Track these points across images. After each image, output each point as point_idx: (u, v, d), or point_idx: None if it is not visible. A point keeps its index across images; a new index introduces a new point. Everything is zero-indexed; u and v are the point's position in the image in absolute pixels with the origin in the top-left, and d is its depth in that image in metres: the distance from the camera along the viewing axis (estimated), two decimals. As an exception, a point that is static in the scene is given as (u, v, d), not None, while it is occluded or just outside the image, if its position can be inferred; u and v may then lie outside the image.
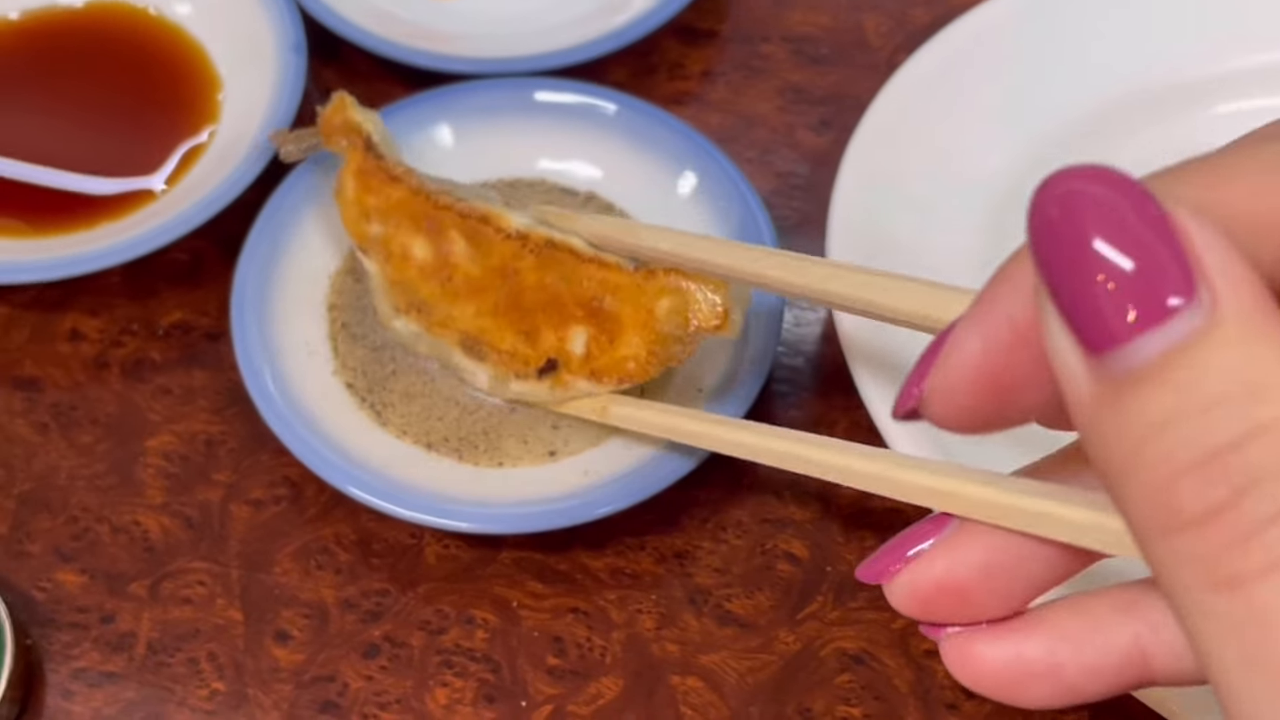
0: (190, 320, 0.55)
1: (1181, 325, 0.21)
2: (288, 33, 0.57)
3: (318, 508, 0.51)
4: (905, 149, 0.52)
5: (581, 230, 0.48)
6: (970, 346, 0.27)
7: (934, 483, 0.32)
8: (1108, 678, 0.29)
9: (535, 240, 0.48)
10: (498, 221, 0.49)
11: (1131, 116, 0.54)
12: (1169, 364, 0.22)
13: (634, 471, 0.48)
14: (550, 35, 0.60)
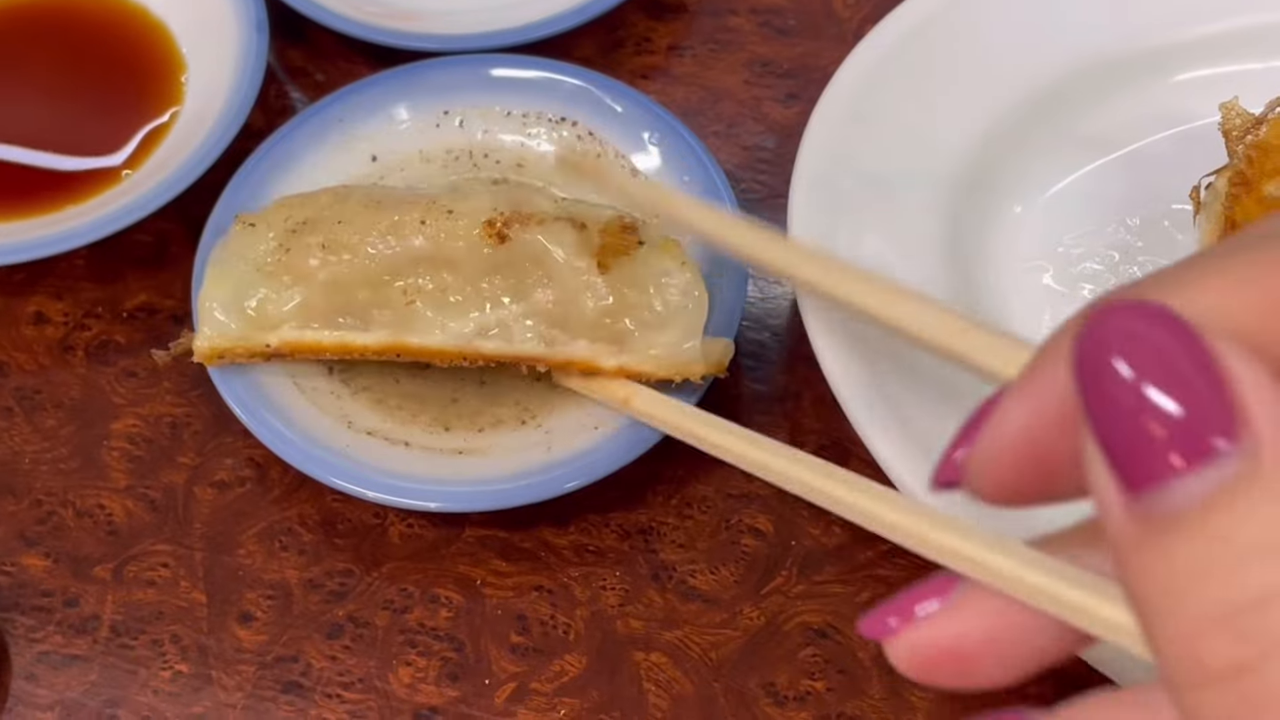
0: (155, 303, 0.55)
1: (1222, 471, 0.21)
2: (250, 12, 0.57)
3: (282, 489, 0.50)
4: (868, 121, 0.52)
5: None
6: (1017, 420, 0.26)
7: (949, 541, 0.31)
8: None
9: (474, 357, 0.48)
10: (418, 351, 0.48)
11: (1094, 85, 0.53)
12: (1207, 510, 0.21)
13: (598, 448, 0.48)
14: (516, 10, 0.60)
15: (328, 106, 0.55)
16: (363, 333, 0.48)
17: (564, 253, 0.47)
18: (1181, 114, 0.53)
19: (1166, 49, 0.54)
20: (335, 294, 0.47)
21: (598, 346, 0.47)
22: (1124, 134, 0.53)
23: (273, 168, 0.54)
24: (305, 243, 0.48)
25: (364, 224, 0.47)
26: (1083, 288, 0.51)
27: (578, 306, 0.47)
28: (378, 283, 0.47)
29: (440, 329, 0.47)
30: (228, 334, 0.48)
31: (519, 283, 0.47)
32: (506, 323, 0.47)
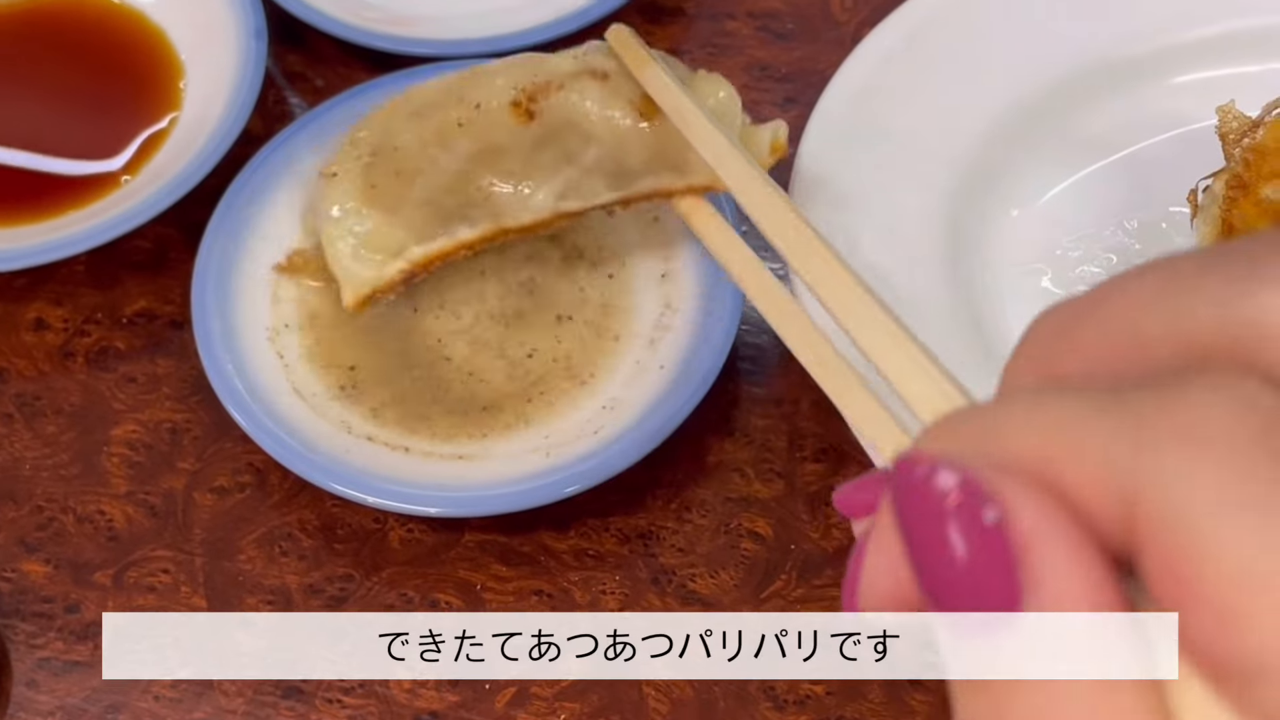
0: (154, 308, 0.55)
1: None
2: (249, 18, 0.57)
3: (282, 494, 0.50)
4: (866, 125, 0.52)
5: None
6: (882, 585, 0.25)
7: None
8: None
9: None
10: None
11: (1092, 87, 0.54)
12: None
13: (597, 452, 0.48)
14: (515, 15, 0.60)
15: (326, 112, 0.55)
16: (471, 228, 0.48)
17: (596, 108, 0.47)
18: (1179, 116, 0.53)
19: (1164, 52, 0.54)
20: (429, 208, 0.48)
21: (661, 176, 0.47)
22: (1121, 137, 0.53)
23: (271, 173, 0.54)
24: (382, 173, 0.49)
25: (415, 142, 0.48)
26: (1081, 290, 0.51)
27: (628, 152, 0.47)
28: (455, 189, 0.48)
29: (525, 208, 0.48)
30: (366, 281, 0.49)
31: (566, 149, 0.47)
32: (576, 182, 0.47)
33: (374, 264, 0.49)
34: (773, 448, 0.51)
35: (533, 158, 0.47)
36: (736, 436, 0.51)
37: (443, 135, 0.48)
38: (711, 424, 0.51)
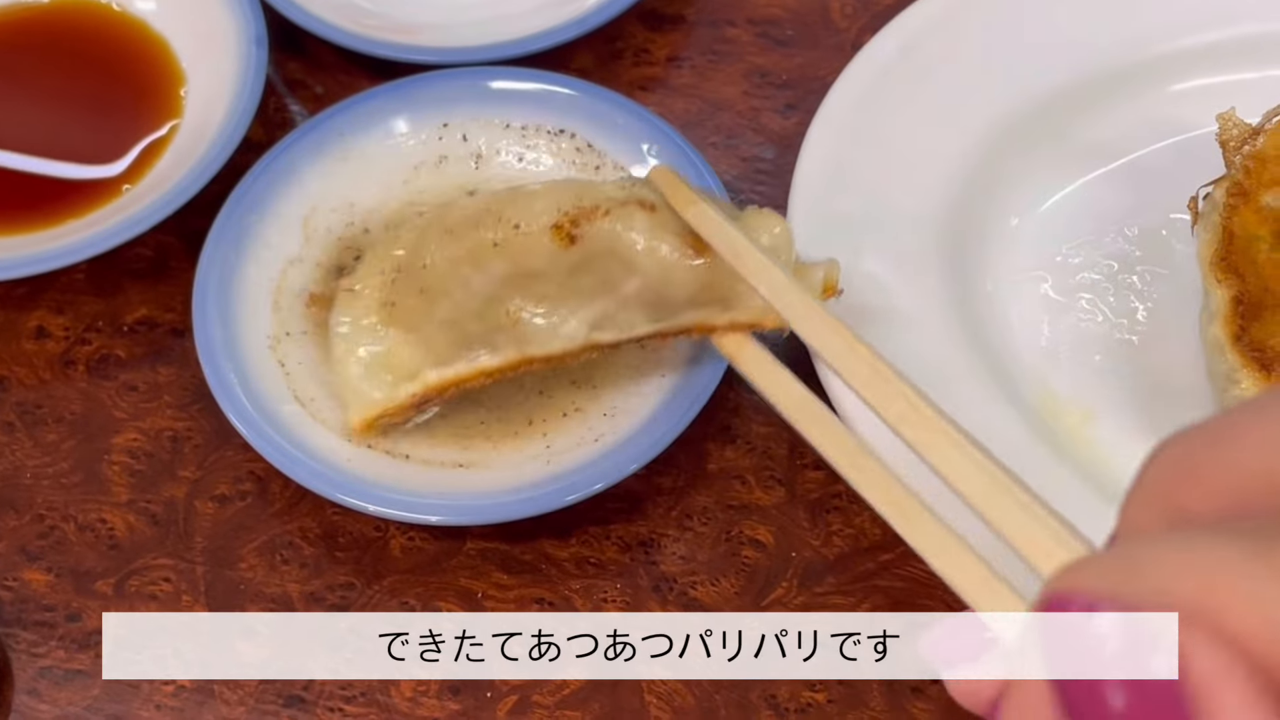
0: (155, 316, 0.55)
1: None
2: (249, 26, 0.57)
3: (283, 502, 0.50)
4: (866, 134, 0.52)
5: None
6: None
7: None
8: None
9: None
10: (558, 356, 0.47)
11: (1089, 95, 0.54)
12: None
13: (598, 461, 0.48)
14: (515, 22, 0.60)
15: (328, 119, 0.55)
16: (492, 356, 0.47)
17: (641, 239, 0.45)
18: (1179, 124, 0.53)
19: (1163, 59, 0.54)
20: (451, 330, 0.47)
21: (704, 310, 0.46)
22: (1121, 144, 0.53)
23: (272, 181, 0.54)
24: (406, 292, 0.47)
25: (446, 261, 0.47)
26: (1081, 297, 0.51)
27: (673, 285, 0.45)
28: (483, 313, 0.47)
29: (555, 337, 0.47)
30: (375, 403, 0.48)
31: (606, 277, 0.46)
32: (612, 313, 0.46)
33: (385, 385, 0.48)
34: (773, 455, 0.51)
35: (569, 283, 0.46)
36: (738, 444, 0.51)
37: (476, 255, 0.46)
38: (712, 431, 0.51)
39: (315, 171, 0.55)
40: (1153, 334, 0.50)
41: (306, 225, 0.54)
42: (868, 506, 0.47)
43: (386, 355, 0.48)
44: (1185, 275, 0.50)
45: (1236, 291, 0.45)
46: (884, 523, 0.48)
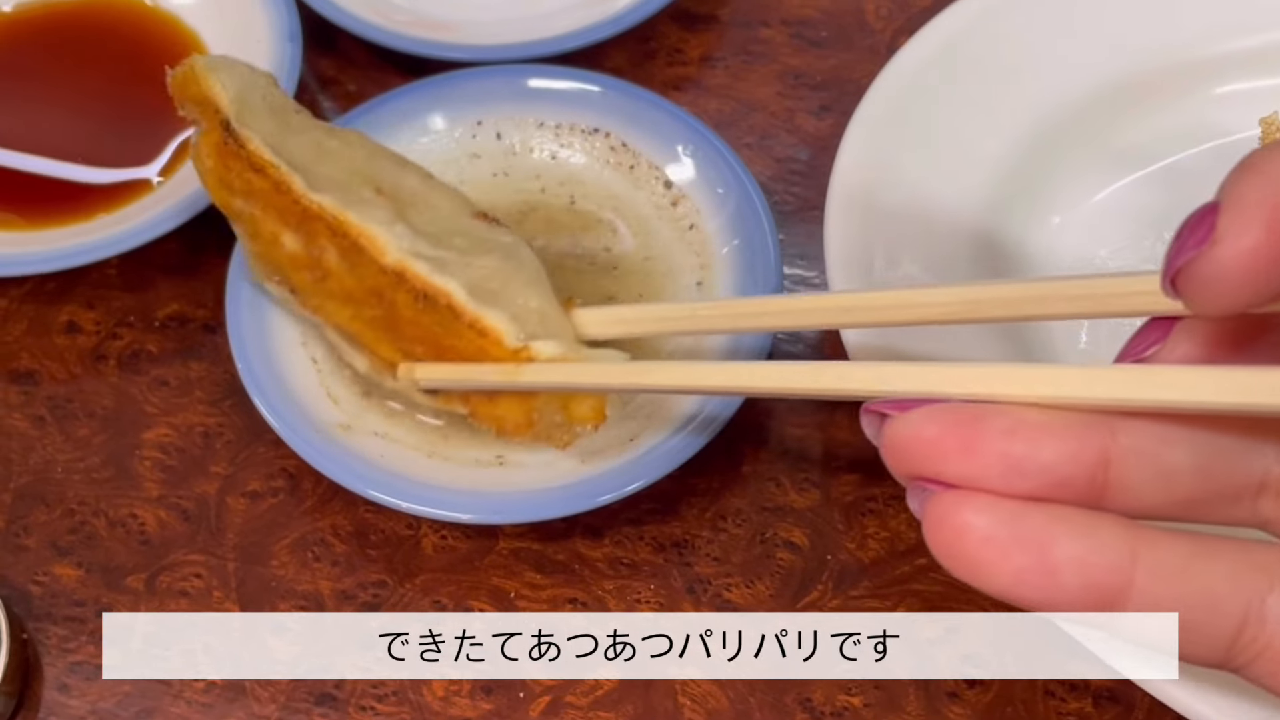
0: (187, 312, 0.55)
1: None
2: (283, 22, 0.57)
3: (315, 499, 0.50)
4: (903, 136, 0.52)
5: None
6: (1246, 242, 0.27)
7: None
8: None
9: (410, 282, 0.44)
10: (371, 248, 0.44)
11: (1130, 98, 0.53)
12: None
13: (632, 461, 0.47)
14: (549, 21, 0.60)
15: (361, 116, 0.55)
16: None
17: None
18: (1221, 127, 0.53)
19: (1206, 62, 0.53)
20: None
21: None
22: (1162, 147, 0.53)
23: (306, 177, 0.54)
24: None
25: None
26: (1119, 301, 0.51)
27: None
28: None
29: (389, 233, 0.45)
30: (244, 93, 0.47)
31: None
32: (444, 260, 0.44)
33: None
34: (808, 457, 0.51)
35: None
36: (771, 445, 0.51)
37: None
38: (746, 433, 0.51)
39: (348, 168, 0.54)
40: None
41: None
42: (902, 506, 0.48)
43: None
44: (1225, 279, 0.50)
45: None
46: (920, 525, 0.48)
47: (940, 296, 0.36)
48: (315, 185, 0.46)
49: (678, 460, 0.47)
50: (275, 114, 0.47)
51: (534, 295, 0.44)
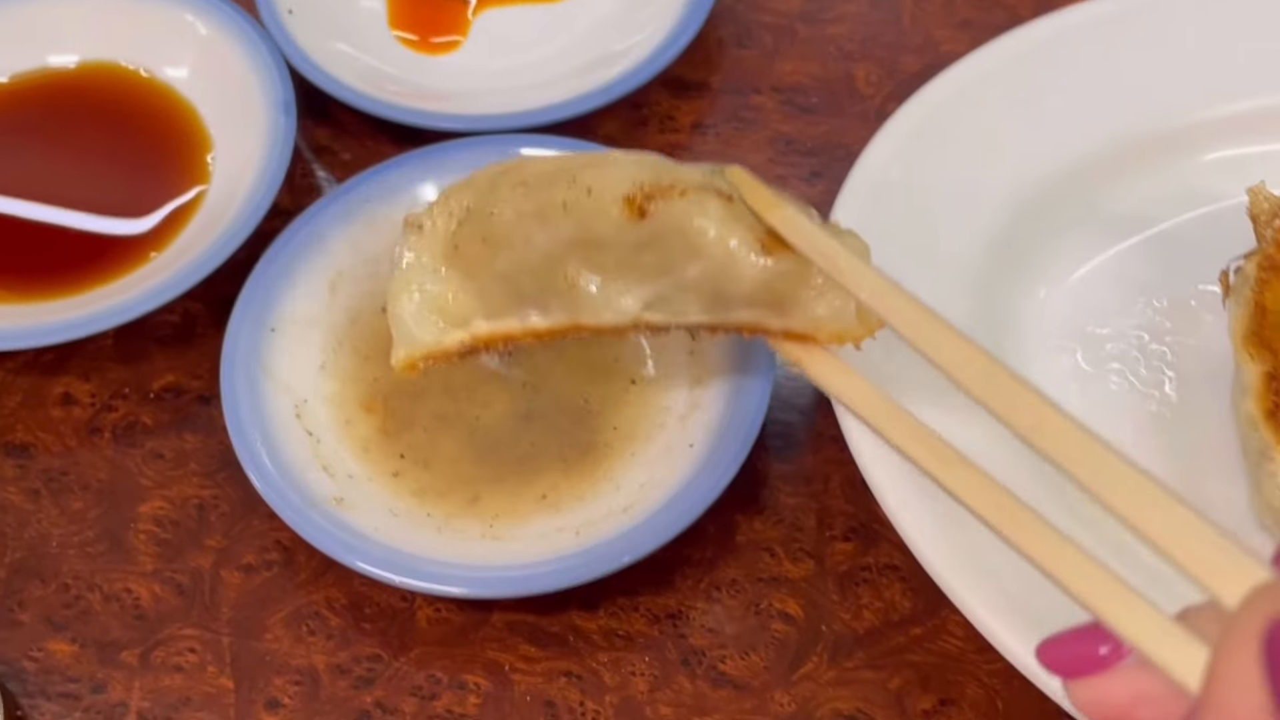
0: (182, 383, 0.55)
1: None
2: (277, 93, 0.58)
3: (309, 572, 0.50)
4: (894, 202, 0.52)
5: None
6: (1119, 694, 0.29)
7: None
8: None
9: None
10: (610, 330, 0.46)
11: (1121, 164, 0.54)
12: None
13: (627, 533, 0.47)
14: (542, 90, 0.60)
15: (355, 187, 0.55)
16: (543, 317, 0.46)
17: (713, 227, 0.44)
18: (1209, 194, 0.53)
19: (1192, 128, 0.54)
20: (507, 284, 0.46)
21: (759, 311, 0.45)
22: (1151, 213, 0.53)
23: (300, 249, 0.54)
24: (470, 237, 0.46)
25: (514, 214, 0.45)
26: (1111, 368, 0.51)
27: (733, 279, 0.44)
28: (540, 271, 0.46)
29: (607, 307, 0.45)
30: (422, 343, 0.47)
31: (668, 258, 0.44)
32: (666, 296, 0.45)
33: (434, 328, 0.47)
34: (802, 526, 0.51)
35: (631, 258, 0.45)
36: (766, 514, 0.51)
37: (543, 213, 0.45)
38: (740, 502, 0.51)
39: (342, 238, 0.55)
40: (1184, 407, 0.50)
41: (334, 292, 0.54)
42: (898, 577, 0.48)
43: (440, 298, 0.47)
44: (1216, 347, 0.50)
45: (1269, 367, 0.45)
46: (915, 595, 0.48)
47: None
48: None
49: (672, 532, 0.47)
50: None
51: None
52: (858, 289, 0.41)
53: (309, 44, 0.60)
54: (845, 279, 0.42)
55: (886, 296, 0.40)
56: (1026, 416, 0.34)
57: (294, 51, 0.59)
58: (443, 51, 0.63)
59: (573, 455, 0.51)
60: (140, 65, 0.61)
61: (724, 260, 0.44)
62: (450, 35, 0.64)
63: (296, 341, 0.53)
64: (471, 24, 0.64)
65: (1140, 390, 0.51)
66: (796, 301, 0.44)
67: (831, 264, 0.42)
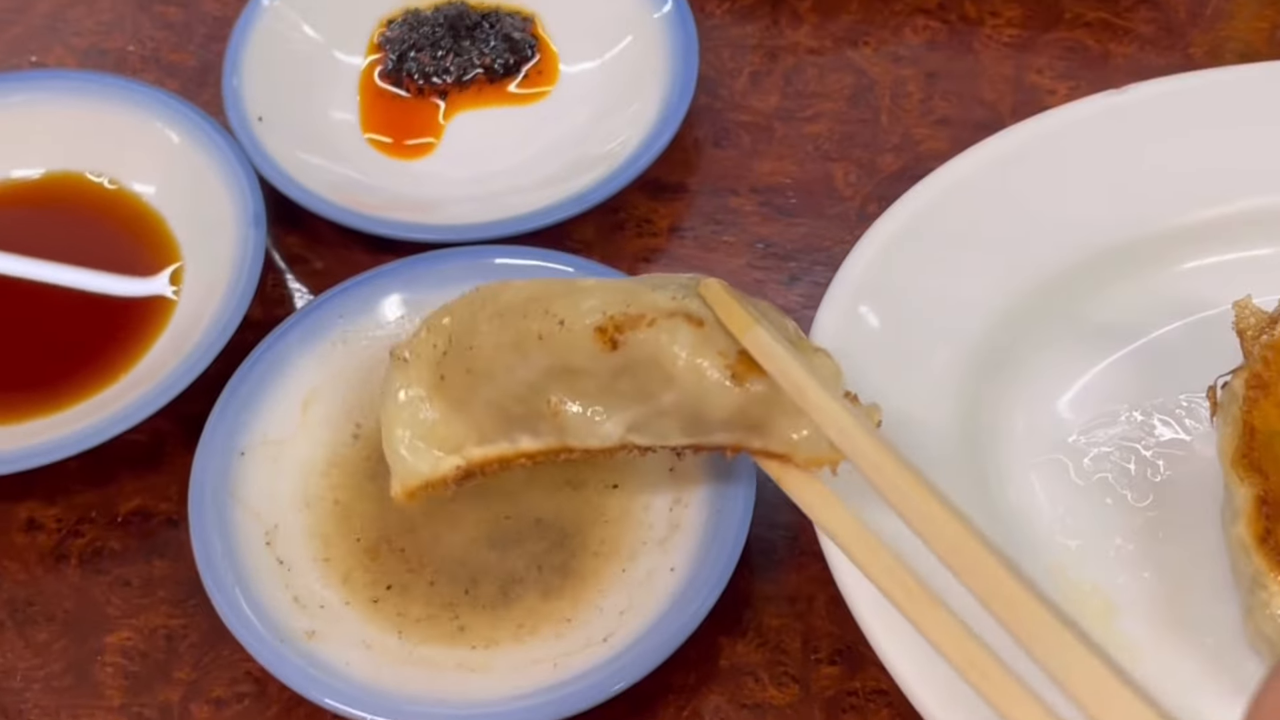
0: (150, 506, 0.54)
1: None
2: (247, 205, 0.57)
3: (281, 705, 0.49)
4: (874, 316, 0.51)
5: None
6: None
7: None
8: None
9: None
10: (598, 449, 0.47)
11: (1103, 272, 0.53)
12: None
13: (607, 663, 0.46)
14: (520, 197, 0.59)
15: (326, 303, 0.54)
16: (534, 440, 0.47)
17: (683, 356, 0.44)
18: (1193, 302, 0.52)
19: (1172, 233, 0.53)
20: (495, 411, 0.47)
21: (737, 433, 0.45)
22: (1136, 324, 0.53)
23: (269, 368, 0.53)
24: (454, 368, 0.47)
25: (492, 346, 0.46)
26: (1099, 480, 0.50)
27: (709, 406, 0.44)
28: (525, 399, 0.46)
29: (592, 434, 0.46)
30: (419, 473, 0.47)
31: (644, 386, 0.45)
32: (647, 420, 0.46)
33: (430, 458, 0.47)
34: (787, 649, 0.50)
35: (610, 385, 0.45)
36: (749, 637, 0.50)
37: (520, 344, 0.45)
38: (723, 624, 0.50)
39: (313, 357, 0.54)
40: (1174, 521, 0.49)
41: (305, 411, 0.53)
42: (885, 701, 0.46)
43: (432, 427, 0.48)
44: (1205, 458, 0.49)
45: (1260, 490, 0.44)
46: None
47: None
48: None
49: (652, 664, 0.46)
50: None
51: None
52: (823, 423, 0.41)
53: (280, 152, 0.59)
54: (813, 412, 0.42)
55: (851, 436, 0.40)
56: (984, 581, 0.34)
57: (264, 161, 0.58)
58: (416, 155, 0.63)
59: (552, 580, 0.50)
60: (107, 175, 0.61)
61: (697, 388, 0.44)
62: (423, 138, 0.63)
63: (267, 465, 0.52)
64: (444, 128, 0.63)
65: (1130, 504, 0.50)
66: (772, 426, 0.44)
67: (800, 395, 0.42)
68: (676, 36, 0.62)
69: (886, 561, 0.39)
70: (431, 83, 0.64)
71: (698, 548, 0.49)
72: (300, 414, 0.53)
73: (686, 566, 0.48)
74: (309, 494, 0.52)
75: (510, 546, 0.50)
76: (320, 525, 0.51)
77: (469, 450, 0.48)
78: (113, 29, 0.69)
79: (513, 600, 0.49)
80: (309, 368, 0.53)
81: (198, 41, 0.68)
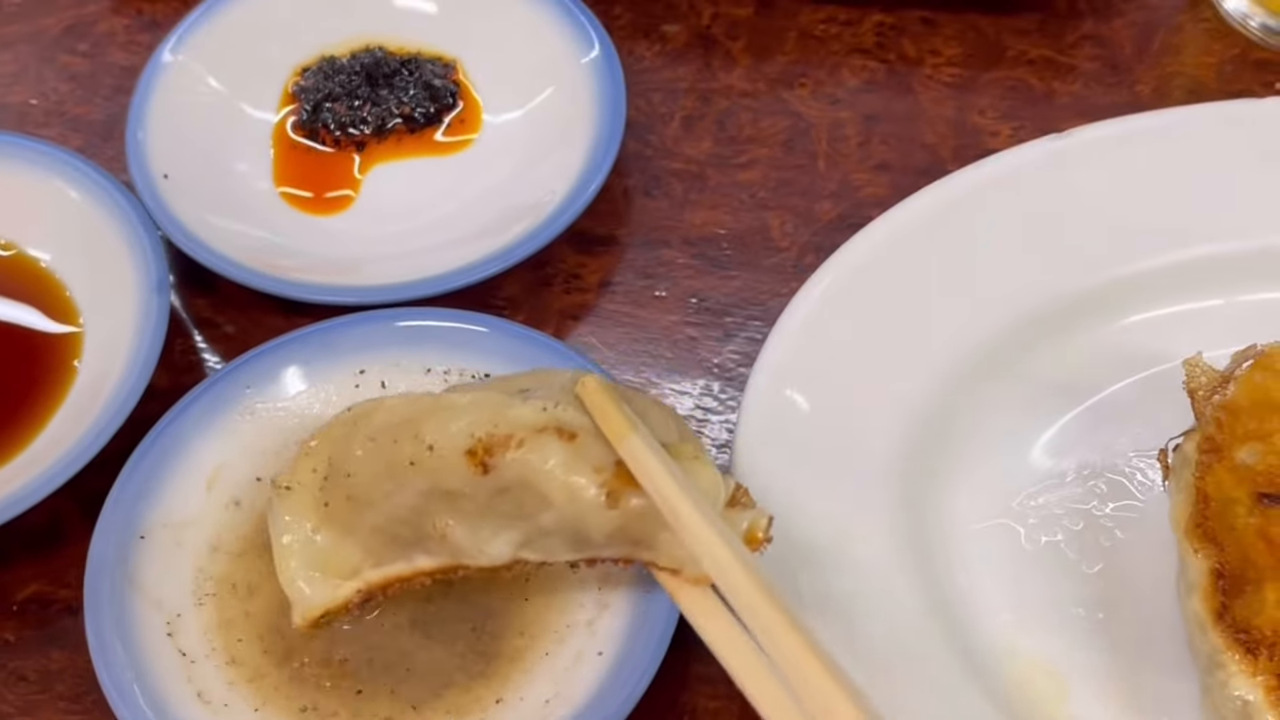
0: (48, 593, 0.51)
1: None
2: (150, 273, 0.53)
3: (185, 809, 0.46)
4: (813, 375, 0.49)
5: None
6: None
7: None
8: None
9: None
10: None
11: (1049, 325, 0.51)
12: None
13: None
14: (440, 254, 0.56)
15: (231, 373, 0.51)
16: (429, 558, 0.45)
17: (556, 476, 0.42)
18: (1143, 357, 0.50)
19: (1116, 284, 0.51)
20: (384, 535, 0.45)
21: (623, 548, 0.43)
22: (1083, 383, 0.51)
23: (171, 445, 0.50)
24: (335, 496, 0.45)
25: (369, 473, 0.44)
26: (1049, 545, 0.48)
27: (588, 525, 0.43)
28: (410, 521, 0.45)
29: (482, 553, 0.44)
30: (316, 603, 0.45)
31: (521, 507, 0.43)
32: (534, 538, 0.44)
33: (326, 586, 0.45)
34: (724, 733, 0.47)
35: (490, 505, 0.43)
36: (684, 721, 0.47)
37: (394, 472, 0.44)
38: (657, 708, 0.47)
39: (218, 431, 0.51)
40: (1128, 588, 0.47)
41: (210, 490, 0.50)
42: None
43: (325, 555, 0.46)
44: (1157, 519, 0.47)
45: (1215, 563, 0.41)
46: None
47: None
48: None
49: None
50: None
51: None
52: (692, 546, 0.41)
53: (186, 213, 0.56)
54: (683, 534, 0.41)
55: (718, 559, 0.40)
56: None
57: (170, 223, 0.55)
58: (333, 210, 0.60)
59: (475, 668, 0.47)
60: (2, 239, 0.57)
61: (573, 509, 0.43)
62: (340, 190, 0.60)
63: (169, 549, 0.49)
64: (362, 181, 0.60)
65: (1084, 571, 0.47)
66: (657, 541, 0.43)
67: (673, 516, 0.41)
68: (604, 81, 0.59)
69: (770, 687, 0.38)
70: (348, 134, 0.61)
71: (627, 630, 0.46)
72: (205, 493, 0.50)
73: (616, 651, 0.46)
74: (216, 580, 0.49)
75: (431, 634, 0.48)
76: (225, 614, 0.48)
77: (366, 574, 0.46)
78: (14, 81, 0.66)
79: (434, 695, 0.47)
80: (214, 443, 0.51)
81: (104, 94, 0.65)
